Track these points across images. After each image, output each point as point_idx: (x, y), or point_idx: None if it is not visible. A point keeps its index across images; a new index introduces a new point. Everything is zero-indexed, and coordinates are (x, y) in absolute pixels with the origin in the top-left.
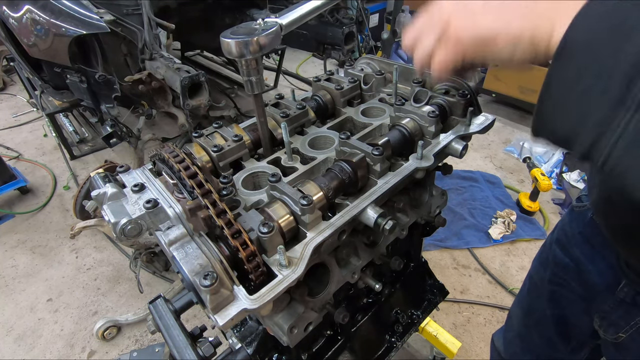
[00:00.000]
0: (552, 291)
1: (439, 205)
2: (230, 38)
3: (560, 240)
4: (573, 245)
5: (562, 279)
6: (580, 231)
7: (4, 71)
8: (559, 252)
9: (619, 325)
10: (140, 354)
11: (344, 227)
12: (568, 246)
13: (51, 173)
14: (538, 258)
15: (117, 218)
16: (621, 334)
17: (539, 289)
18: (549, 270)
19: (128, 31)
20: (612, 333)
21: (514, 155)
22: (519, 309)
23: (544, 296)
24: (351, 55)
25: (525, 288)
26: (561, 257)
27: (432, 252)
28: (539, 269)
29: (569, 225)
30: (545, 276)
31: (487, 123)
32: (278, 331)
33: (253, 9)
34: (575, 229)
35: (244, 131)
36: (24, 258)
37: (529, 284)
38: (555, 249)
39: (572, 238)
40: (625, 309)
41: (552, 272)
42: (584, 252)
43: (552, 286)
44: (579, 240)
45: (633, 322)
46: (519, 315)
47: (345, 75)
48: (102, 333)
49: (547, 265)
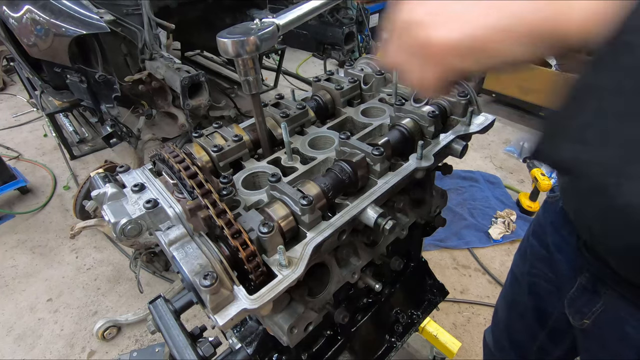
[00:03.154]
0: (531, 282)
1: (439, 205)
2: (227, 38)
3: (535, 231)
4: (546, 235)
5: (539, 270)
6: (551, 221)
7: (4, 71)
8: (535, 243)
9: (582, 312)
10: (140, 354)
11: (344, 227)
12: (542, 236)
13: (51, 173)
14: (518, 251)
15: (117, 218)
16: (585, 320)
17: (519, 281)
18: (528, 262)
19: (128, 31)
20: (578, 319)
21: (514, 155)
22: (504, 303)
23: (524, 288)
24: (351, 55)
25: (508, 282)
26: (537, 248)
27: (432, 252)
28: (519, 262)
29: (542, 216)
30: (525, 268)
31: (487, 123)
32: (278, 331)
33: (253, 9)
34: (548, 219)
35: (244, 131)
36: (24, 258)
37: (510, 278)
38: (532, 241)
39: (545, 228)
40: (588, 295)
41: (530, 263)
42: (554, 241)
43: (530, 277)
44: (550, 230)
45: (594, 308)
46: (504, 310)
47: (345, 75)
48: (102, 333)
49: (525, 258)
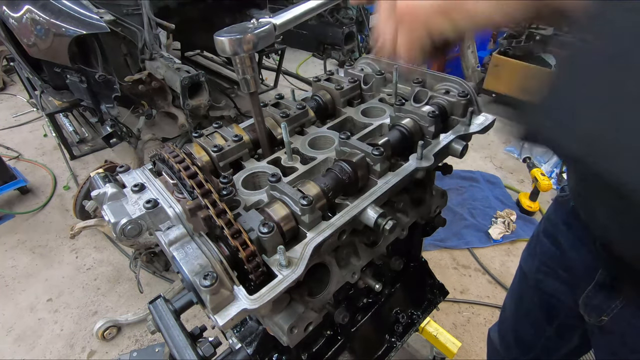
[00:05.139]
0: (540, 280)
1: (439, 205)
2: (224, 36)
3: (546, 230)
4: (558, 234)
5: (549, 267)
6: (563, 220)
7: (4, 71)
8: (546, 242)
9: (600, 309)
10: (140, 354)
11: (344, 227)
12: (553, 235)
13: (51, 173)
14: (527, 249)
15: (117, 218)
16: (604, 317)
17: (528, 279)
18: (537, 260)
19: (128, 31)
20: (595, 317)
21: (514, 155)
22: (511, 300)
23: (532, 286)
24: (351, 55)
25: (516, 280)
26: (548, 246)
27: (432, 252)
28: (528, 260)
29: (553, 215)
30: (534, 266)
31: (487, 123)
32: (278, 331)
33: (253, 9)
34: (559, 218)
35: (244, 131)
36: (24, 258)
37: (519, 276)
38: (542, 239)
39: (556, 227)
40: (605, 293)
41: (540, 261)
42: (567, 240)
43: (540, 275)
44: (563, 229)
45: (613, 305)
46: (511, 307)
47: (345, 75)
48: (102, 333)
49: (535, 255)
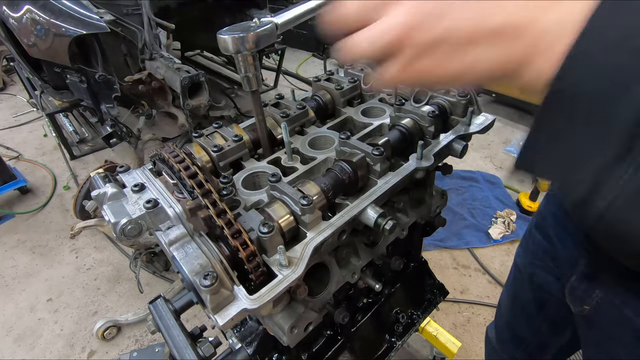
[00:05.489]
0: (532, 273)
1: (439, 205)
2: (227, 35)
3: (538, 223)
4: (547, 227)
5: (540, 260)
6: (553, 212)
7: (4, 71)
8: (538, 235)
9: (582, 298)
10: (140, 354)
11: (344, 227)
12: (544, 228)
13: (51, 173)
14: (521, 245)
15: (117, 218)
16: (585, 306)
17: (522, 274)
18: (530, 254)
19: (128, 31)
20: (578, 306)
21: (514, 155)
22: (507, 297)
23: (526, 279)
24: None
25: (511, 276)
26: (539, 239)
27: (432, 252)
28: (522, 255)
29: (544, 208)
30: (527, 260)
31: (487, 123)
32: (278, 331)
33: (253, 9)
34: (549, 211)
35: (244, 131)
36: (24, 258)
37: (514, 272)
38: (534, 233)
39: (546, 219)
40: (588, 282)
41: (532, 254)
42: (556, 232)
43: (532, 269)
44: (552, 222)
45: (594, 294)
46: (507, 304)
47: (345, 75)
48: (102, 333)
49: (527, 250)
